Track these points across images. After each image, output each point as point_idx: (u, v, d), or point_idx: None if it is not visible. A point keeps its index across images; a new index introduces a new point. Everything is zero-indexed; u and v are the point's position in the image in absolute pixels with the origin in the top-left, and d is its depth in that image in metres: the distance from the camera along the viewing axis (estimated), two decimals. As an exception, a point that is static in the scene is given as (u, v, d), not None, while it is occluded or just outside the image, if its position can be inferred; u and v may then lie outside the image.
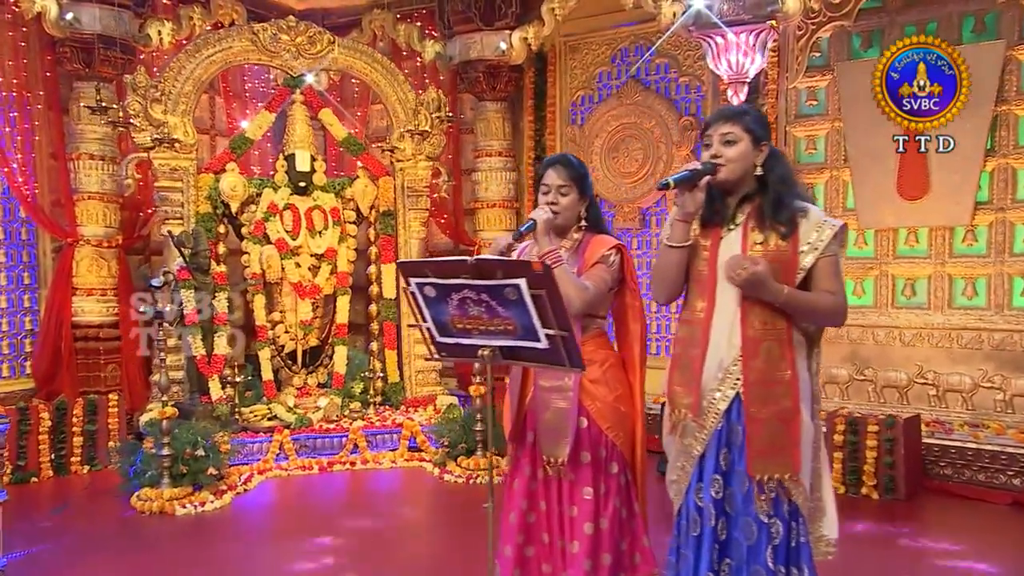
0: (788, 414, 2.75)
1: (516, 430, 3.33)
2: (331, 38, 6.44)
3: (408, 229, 6.71)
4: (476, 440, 5.74)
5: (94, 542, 4.58)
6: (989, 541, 4.46)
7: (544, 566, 3.27)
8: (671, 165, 6.86)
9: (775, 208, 2.75)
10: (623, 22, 6.92)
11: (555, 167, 3.28)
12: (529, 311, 2.47)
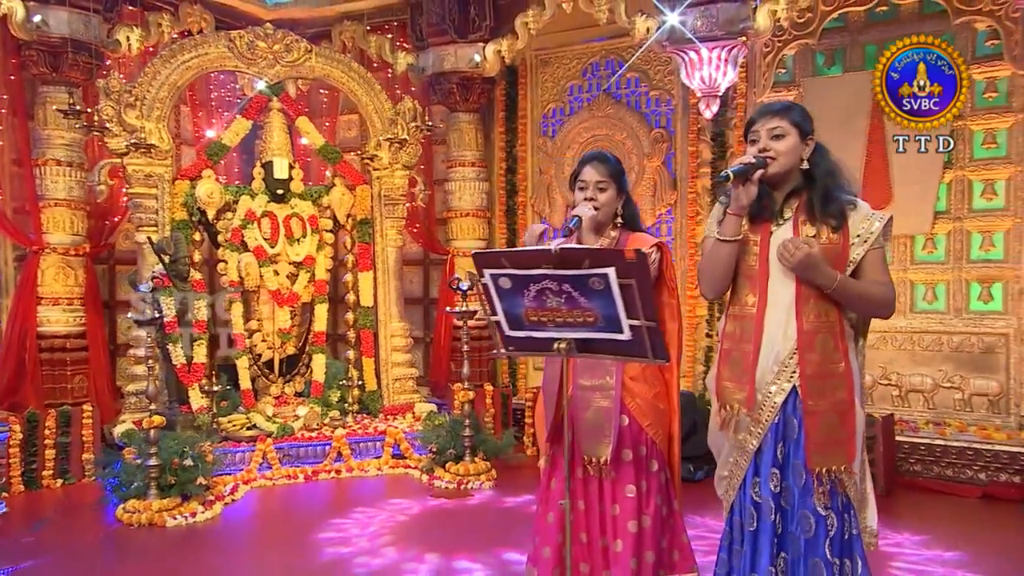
0: (844, 406, 2.74)
1: (555, 430, 3.22)
2: (308, 46, 6.29)
3: (385, 237, 6.58)
4: (464, 446, 5.63)
5: (87, 556, 4.36)
6: (960, 531, 4.56)
7: (582, 566, 3.20)
8: (643, 176, 6.89)
9: (824, 201, 2.73)
10: (594, 37, 6.92)
11: (592, 163, 3.21)
12: (615, 301, 2.38)
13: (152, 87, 5.86)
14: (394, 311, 6.61)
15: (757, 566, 2.79)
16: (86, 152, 6.29)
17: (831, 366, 2.76)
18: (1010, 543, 4.41)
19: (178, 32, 6.70)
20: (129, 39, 6.31)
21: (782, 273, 2.72)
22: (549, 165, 7.28)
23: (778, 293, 2.76)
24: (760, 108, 2.93)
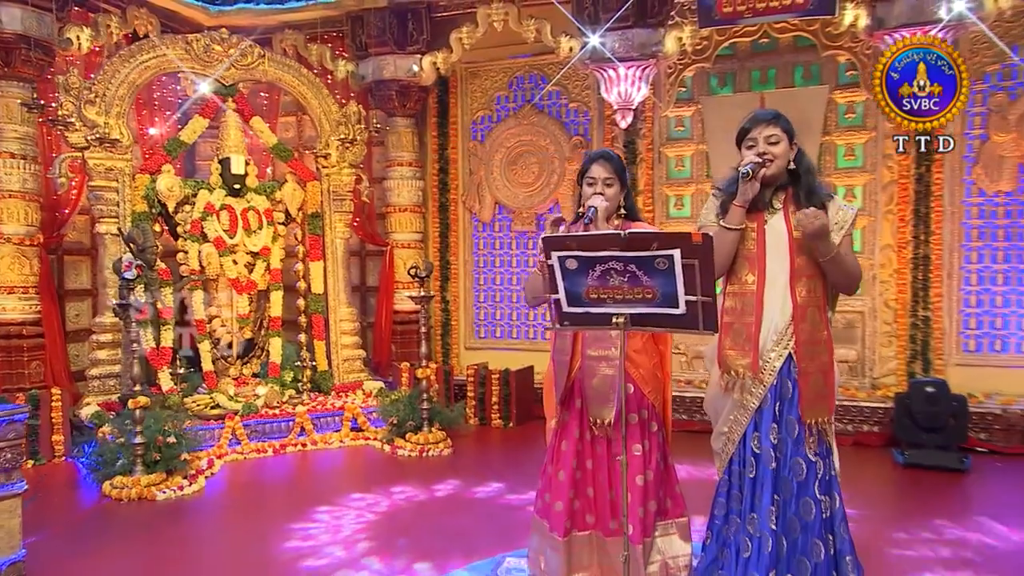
0: (827, 367, 3.01)
1: (566, 395, 3.37)
2: (261, 51, 6.32)
3: (334, 230, 6.68)
4: (422, 418, 5.82)
5: (90, 530, 4.32)
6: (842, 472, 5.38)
7: (588, 516, 3.37)
8: (564, 177, 7.23)
9: (809, 194, 2.99)
10: (519, 54, 7.22)
11: (600, 162, 3.34)
12: (676, 279, 2.48)
13: (111, 85, 5.77)
14: (342, 298, 6.73)
15: (758, 506, 3.02)
16: (38, 146, 6.02)
17: (817, 334, 3.00)
18: (876, 478, 5.17)
19: (125, 34, 6.50)
20: (79, 38, 6.07)
21: (777, 256, 2.96)
22: (479, 166, 7.52)
23: (775, 273, 2.98)
24: (752, 117, 3.11)
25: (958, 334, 6.29)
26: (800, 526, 2.94)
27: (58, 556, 3.79)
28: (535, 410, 6.85)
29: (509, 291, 7.60)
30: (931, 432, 5.36)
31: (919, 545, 3.91)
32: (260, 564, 3.88)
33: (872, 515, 4.22)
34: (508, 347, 7.50)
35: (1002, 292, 6.20)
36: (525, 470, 5.46)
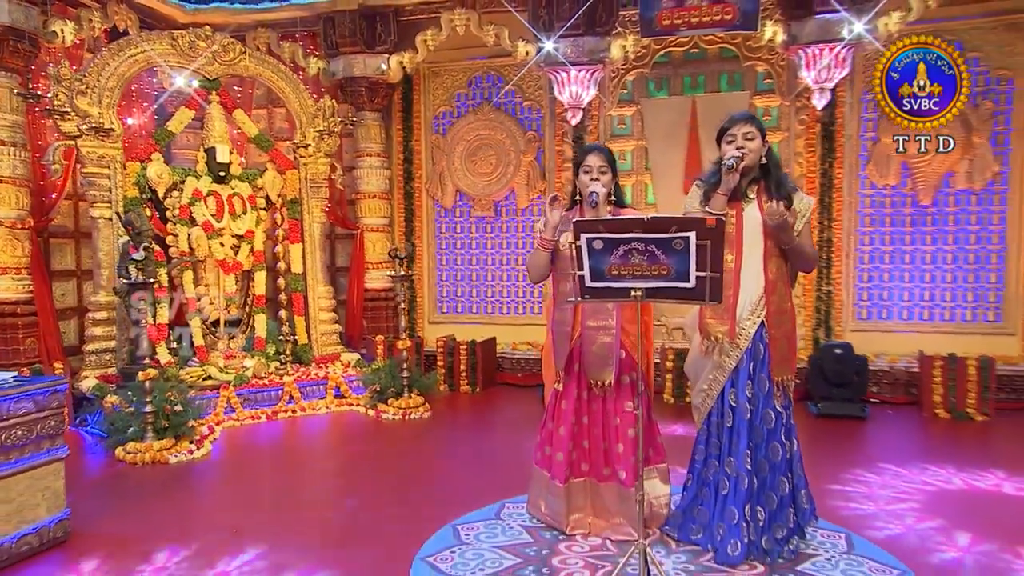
0: (791, 333, 3.26)
1: (568, 361, 3.51)
2: (242, 48, 6.22)
3: (311, 214, 6.64)
4: (403, 384, 5.93)
5: (116, 490, 4.29)
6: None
7: (583, 465, 3.56)
8: (519, 168, 7.36)
9: (778, 186, 3.17)
10: (477, 55, 7.28)
11: (594, 153, 3.46)
12: (689, 257, 2.59)
13: (102, 77, 5.61)
14: (319, 277, 6.71)
15: (735, 450, 3.23)
16: (26, 133, 5.74)
17: (784, 305, 3.22)
18: (797, 426, 5.17)
19: (105, 28, 6.24)
20: (63, 31, 5.81)
21: (752, 239, 3.13)
22: (441, 157, 7.56)
23: (750, 253, 3.16)
24: (731, 117, 3.25)
25: (853, 305, 6.75)
26: (769, 466, 3.23)
27: (95, 514, 3.78)
28: (498, 376, 7.17)
29: (469, 271, 7.69)
30: (839, 387, 5.79)
31: (837, 480, 4.24)
32: (293, 486, 4.10)
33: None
34: (468, 321, 7.62)
35: (888, 270, 6.67)
36: (499, 427, 5.76)
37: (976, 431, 5.41)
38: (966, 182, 6.38)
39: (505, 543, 3.43)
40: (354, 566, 3.18)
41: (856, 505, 3.85)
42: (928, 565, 3.12)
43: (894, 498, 3.95)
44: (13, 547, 3.22)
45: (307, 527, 3.67)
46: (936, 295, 6.55)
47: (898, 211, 6.60)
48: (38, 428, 3.37)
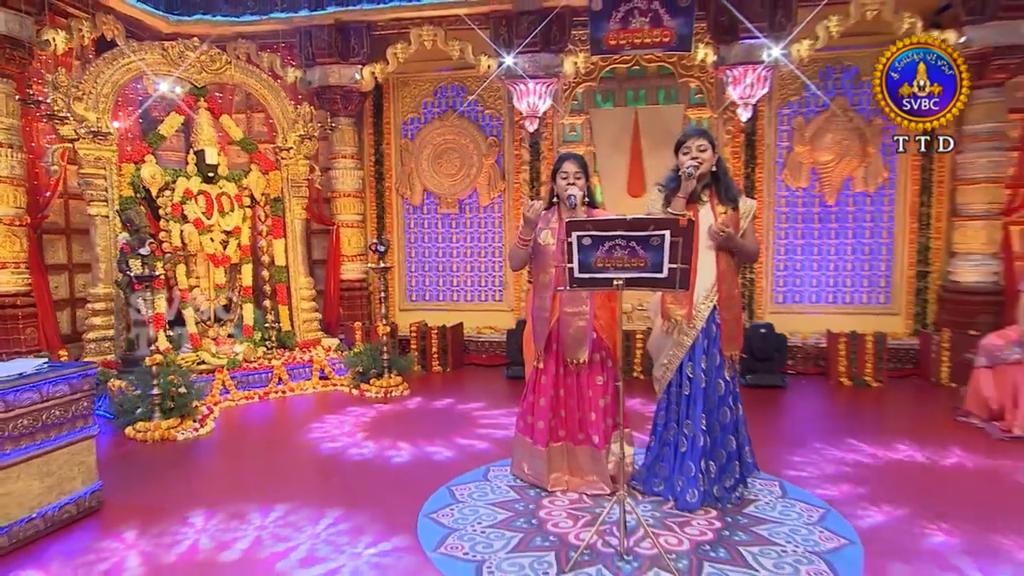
0: (738, 315, 3.48)
1: (547, 342, 3.66)
2: (227, 58, 6.14)
3: (292, 212, 6.61)
4: (384, 365, 6.02)
5: (134, 465, 4.30)
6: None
7: (561, 431, 3.73)
8: (482, 170, 7.44)
9: (727, 191, 3.42)
10: (443, 67, 7.30)
11: (569, 160, 3.60)
12: (663, 252, 2.75)
13: (97, 84, 5.50)
14: (301, 269, 6.70)
15: (692, 415, 3.45)
16: (22, 136, 5.57)
17: (732, 292, 3.44)
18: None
19: (94, 37, 6.10)
20: (55, 40, 5.68)
21: (706, 236, 3.35)
22: (409, 159, 7.59)
23: (704, 249, 3.37)
24: (687, 131, 3.48)
25: (772, 290, 7.08)
26: (719, 428, 3.48)
27: (119, 486, 3.82)
28: (466, 358, 7.28)
29: (436, 262, 7.76)
30: (762, 361, 6.09)
31: (775, 445, 4.52)
32: (296, 458, 4.23)
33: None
34: (436, 308, 7.70)
35: (800, 260, 7.02)
36: (471, 402, 5.77)
37: (873, 395, 5.86)
38: (862, 186, 6.79)
39: (496, 500, 3.60)
40: (364, 523, 3.32)
41: (786, 460, 4.16)
42: (839, 500, 3.49)
43: (813, 451, 4.31)
44: (55, 515, 3.30)
45: (317, 490, 3.82)
46: (839, 281, 6.96)
47: (808, 210, 6.96)
48: (73, 408, 3.44)
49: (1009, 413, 4.50)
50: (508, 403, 5.46)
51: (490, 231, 7.61)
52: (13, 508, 3.09)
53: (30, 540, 3.14)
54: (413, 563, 2.91)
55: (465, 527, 3.27)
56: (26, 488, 3.16)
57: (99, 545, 3.14)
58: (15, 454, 3.12)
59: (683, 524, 3.25)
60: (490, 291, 7.69)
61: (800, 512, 3.40)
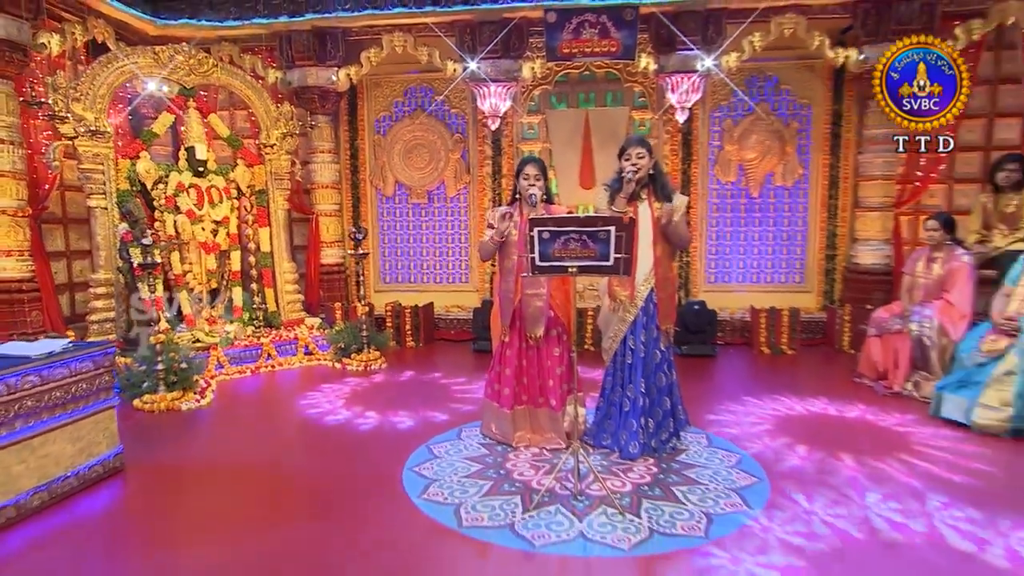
0: (672, 294, 3.74)
1: (511, 320, 3.91)
2: (214, 61, 6.18)
3: (275, 202, 6.70)
4: (363, 341, 6.23)
5: (145, 432, 4.45)
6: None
7: (523, 396, 3.97)
8: (448, 163, 7.61)
9: (663, 190, 3.66)
10: (412, 70, 7.44)
11: (531, 164, 3.80)
12: (610, 244, 3.00)
13: (93, 86, 5.54)
14: (284, 255, 6.80)
15: (633, 379, 3.71)
16: (21, 133, 5.62)
17: (668, 275, 3.70)
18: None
19: (85, 40, 6.13)
20: (50, 43, 5.72)
21: (644, 229, 3.60)
22: (382, 154, 7.73)
23: (643, 239, 3.61)
24: (628, 140, 3.71)
25: (705, 271, 7.45)
26: (656, 390, 3.78)
27: (136, 450, 4.00)
28: (436, 334, 7.51)
29: (407, 247, 7.95)
30: (696, 333, 6.46)
31: (706, 404, 4.93)
32: (292, 422, 4.45)
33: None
34: (407, 289, 7.92)
35: (729, 245, 7.39)
36: (442, 373, 6.06)
37: (788, 361, 6.34)
38: (781, 180, 7.22)
39: (469, 455, 3.88)
40: (357, 474, 3.59)
41: (713, 416, 4.56)
42: (761, 450, 3.91)
43: (737, 408, 4.73)
44: (86, 474, 3.52)
45: (315, 450, 4.08)
46: (761, 264, 7.40)
47: (736, 201, 7.34)
48: (96, 382, 3.64)
49: (891, 374, 5.03)
50: (475, 373, 5.78)
51: (456, 219, 7.84)
52: (51, 468, 3.33)
53: (67, 495, 3.37)
54: (402, 507, 3.20)
55: (443, 478, 3.54)
56: (61, 451, 3.39)
57: (127, 498, 3.39)
58: (51, 422, 3.34)
59: (626, 470, 3.58)
60: (457, 274, 7.92)
61: (722, 458, 3.75)
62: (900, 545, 2.77)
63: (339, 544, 2.85)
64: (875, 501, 3.18)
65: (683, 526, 2.96)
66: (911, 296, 5.10)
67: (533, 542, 2.83)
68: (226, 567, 2.69)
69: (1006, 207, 5.28)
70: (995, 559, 2.65)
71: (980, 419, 4.04)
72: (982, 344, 4.29)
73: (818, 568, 2.60)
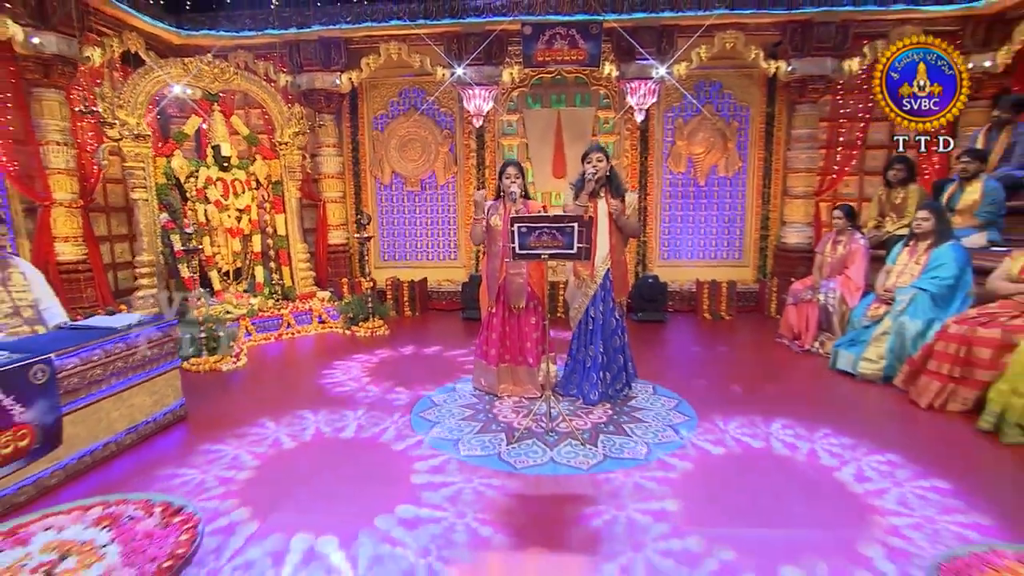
0: (625, 273, 4.18)
1: (497, 294, 4.34)
2: (235, 70, 6.55)
3: (289, 192, 7.07)
4: (369, 312, 6.72)
5: (196, 388, 4.79)
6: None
7: (506, 356, 4.37)
8: (439, 156, 7.95)
9: (617, 189, 4.09)
10: (406, 74, 7.78)
11: (512, 166, 4.15)
12: (574, 236, 3.42)
13: (134, 94, 5.92)
14: (297, 237, 7.18)
15: (594, 341, 4.13)
16: (71, 135, 6.07)
17: (621, 258, 4.14)
18: (628, 326, 6.84)
19: (120, 51, 6.48)
20: (93, 55, 6.09)
21: (602, 221, 4.02)
22: (380, 147, 8.04)
23: (601, 229, 4.03)
24: (590, 147, 4.04)
25: (659, 249, 7.93)
26: (612, 350, 4.27)
27: (193, 402, 4.46)
28: (430, 304, 7.94)
29: (403, 229, 8.32)
30: (650, 302, 7.00)
31: (656, 360, 5.50)
32: (313, 374, 4.96)
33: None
34: (404, 266, 8.32)
35: (680, 227, 7.87)
36: (435, 338, 6.50)
37: (725, 325, 6.93)
38: (724, 172, 7.74)
39: (463, 403, 4.38)
40: (380, 417, 4.16)
41: (657, 370, 5.13)
42: (695, 398, 4.51)
43: (680, 364, 5.36)
44: (160, 420, 4.08)
45: (341, 400, 4.56)
46: (706, 243, 7.93)
47: (686, 189, 7.83)
48: (165, 347, 4.18)
49: (803, 335, 5.80)
50: (464, 338, 6.37)
51: (446, 204, 8.27)
52: (137, 415, 3.93)
53: (148, 436, 3.95)
54: (413, 442, 3.78)
55: (443, 420, 4.06)
56: (143, 402, 3.99)
57: (190, 438, 3.97)
58: (134, 379, 3.93)
59: (587, 413, 4.11)
60: (446, 252, 8.36)
61: (663, 403, 4.29)
62: (783, 458, 3.53)
63: (367, 464, 3.51)
64: (776, 428, 3.92)
65: (629, 452, 3.56)
66: (820, 272, 5.84)
67: (515, 465, 3.40)
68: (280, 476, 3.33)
69: (896, 199, 6.02)
70: (847, 477, 3.38)
71: (862, 370, 4.82)
72: (868, 311, 5.05)
73: (725, 461, 3.36)
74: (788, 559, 2.53)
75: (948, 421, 4.02)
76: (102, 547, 2.36)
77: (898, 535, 2.72)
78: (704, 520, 2.87)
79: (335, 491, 3.21)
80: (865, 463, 3.47)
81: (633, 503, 3.03)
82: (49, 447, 3.25)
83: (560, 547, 2.67)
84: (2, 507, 2.98)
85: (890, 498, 3.06)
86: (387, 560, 2.57)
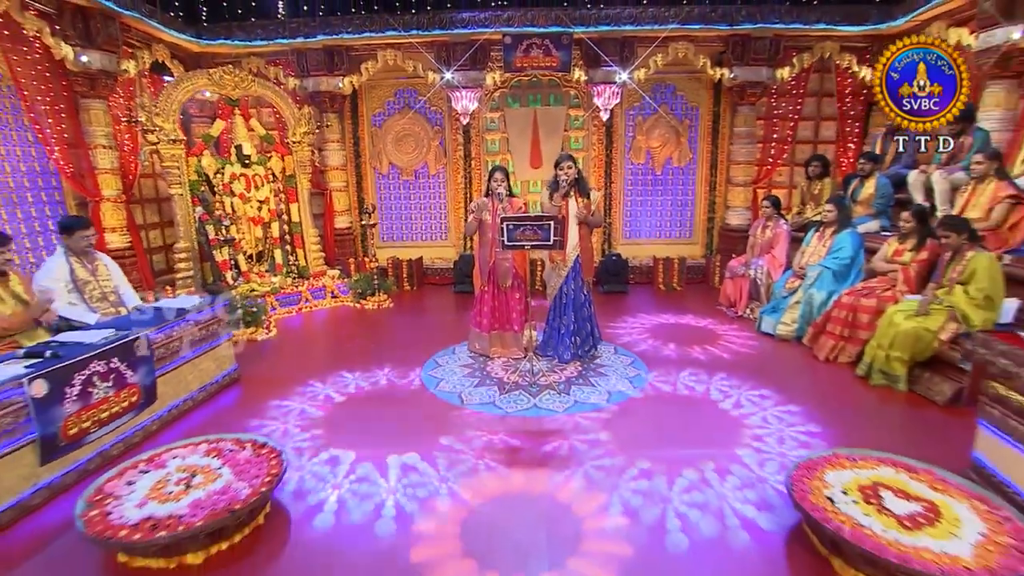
0: (590, 258, 4.76)
1: (488, 275, 4.94)
2: (252, 77, 6.99)
3: (301, 184, 7.49)
4: (375, 287, 7.37)
5: (240, 357, 5.17)
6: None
7: (495, 325, 4.93)
8: (430, 149, 8.42)
9: (583, 189, 4.68)
10: (401, 76, 8.14)
11: (499, 171, 4.71)
12: (551, 231, 3.99)
13: (168, 103, 6.41)
14: (309, 222, 7.64)
15: (567, 312, 4.71)
16: (115, 139, 6.60)
17: (587, 245, 4.72)
18: (596, 297, 7.23)
19: (150, 61, 6.95)
20: (130, 68, 6.57)
21: (572, 217, 4.66)
22: (378, 142, 8.48)
23: (571, 224, 4.58)
24: (561, 156, 4.55)
25: (622, 230, 8.57)
26: (581, 319, 4.93)
27: (243, 366, 5.07)
28: (426, 280, 8.52)
29: (400, 213, 8.80)
30: (614, 276, 7.67)
31: (618, 325, 6.19)
32: (339, 340, 5.64)
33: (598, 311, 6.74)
34: (402, 246, 8.84)
35: (640, 211, 8.50)
36: (432, 309, 7.16)
37: (677, 295, 7.67)
38: (677, 162, 8.40)
39: (462, 363, 5.04)
40: (401, 374, 4.88)
41: (619, 333, 5.92)
42: (647, 355, 5.33)
43: (637, 328, 6.16)
44: (221, 382, 4.80)
45: (365, 359, 5.22)
46: (662, 224, 8.62)
47: (645, 177, 8.44)
48: (220, 323, 4.92)
49: (737, 303, 6.70)
50: (456, 310, 7.11)
51: (437, 191, 8.80)
52: (205, 377, 4.67)
53: (212, 394, 4.68)
54: (424, 396, 4.51)
55: (447, 377, 4.76)
56: (208, 367, 4.72)
57: (245, 395, 4.74)
58: (202, 348, 4.65)
59: (561, 370, 4.80)
60: (438, 233, 8.91)
61: (622, 360, 5.01)
62: (685, 397, 4.42)
63: (392, 415, 4.32)
64: (717, 381, 4.81)
65: (594, 398, 4.37)
66: (752, 251, 6.73)
67: (507, 410, 4.16)
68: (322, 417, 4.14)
69: (814, 190, 6.90)
70: (728, 406, 4.30)
71: (780, 331, 5.75)
72: (786, 283, 5.97)
73: (646, 401, 4.26)
74: (688, 465, 3.42)
75: (838, 369, 4.97)
76: (217, 468, 3.15)
77: (760, 440, 3.70)
78: (627, 446, 3.70)
79: (377, 427, 3.99)
80: (744, 396, 4.37)
81: (576, 435, 3.85)
82: (148, 402, 4.01)
83: (532, 465, 3.51)
84: (125, 446, 3.76)
85: (756, 419, 4.00)
86: (411, 473, 3.41)
